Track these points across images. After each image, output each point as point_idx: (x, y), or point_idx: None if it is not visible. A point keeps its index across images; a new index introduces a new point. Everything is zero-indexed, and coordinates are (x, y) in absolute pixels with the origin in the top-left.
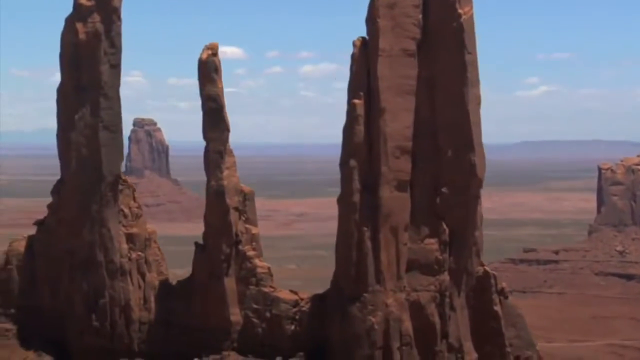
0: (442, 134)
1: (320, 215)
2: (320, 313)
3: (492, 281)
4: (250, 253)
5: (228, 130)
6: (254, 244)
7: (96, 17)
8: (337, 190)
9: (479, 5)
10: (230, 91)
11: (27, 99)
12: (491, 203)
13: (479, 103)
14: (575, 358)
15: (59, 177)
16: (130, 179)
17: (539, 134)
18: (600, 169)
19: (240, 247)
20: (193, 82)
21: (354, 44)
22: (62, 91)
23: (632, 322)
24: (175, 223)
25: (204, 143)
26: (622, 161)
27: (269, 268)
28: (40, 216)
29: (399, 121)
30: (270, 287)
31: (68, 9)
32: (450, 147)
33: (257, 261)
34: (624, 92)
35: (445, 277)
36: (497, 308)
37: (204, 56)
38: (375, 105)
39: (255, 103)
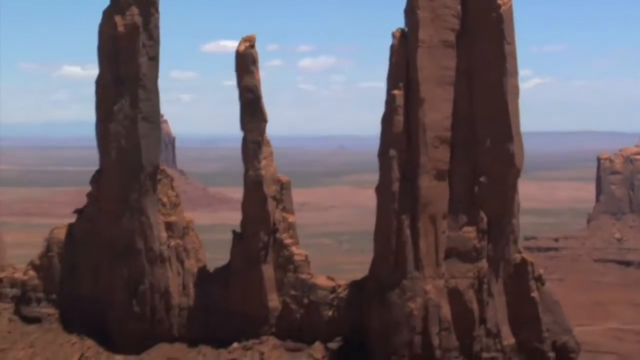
0: (480, 124)
1: (322, 205)
2: (358, 299)
3: (530, 268)
4: (288, 241)
5: (265, 120)
6: (290, 232)
7: (134, 10)
8: (334, 180)
9: None
10: (230, 84)
11: (33, 91)
12: None
13: (517, 93)
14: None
15: (65, 168)
16: None
17: (531, 126)
18: (599, 159)
19: (277, 235)
20: (195, 75)
21: (393, 35)
22: (100, 83)
23: (631, 307)
24: None
25: (207, 134)
26: (620, 151)
27: (306, 256)
28: (50, 205)
29: (438, 111)
30: (308, 273)
31: (73, 1)
32: (488, 137)
33: (294, 249)
34: (614, 84)
35: (484, 264)
36: (535, 294)
37: (242, 48)
38: (414, 95)
39: None
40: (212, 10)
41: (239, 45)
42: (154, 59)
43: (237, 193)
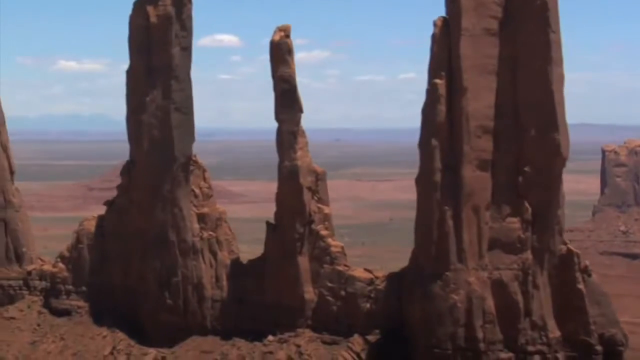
0: (524, 113)
1: None
2: (397, 291)
3: (575, 259)
4: (324, 232)
5: (301, 111)
6: (326, 223)
7: (167, 1)
8: (332, 173)
9: None
10: (226, 78)
11: (31, 85)
12: None
13: (562, 82)
14: None
15: (63, 162)
16: None
17: None
18: (603, 151)
19: (313, 226)
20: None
21: (434, 24)
22: (131, 74)
23: None
24: None
25: (203, 127)
26: (625, 143)
27: (342, 247)
28: (50, 199)
29: (480, 100)
30: (345, 265)
31: None
32: (533, 127)
33: (330, 240)
34: (611, 77)
35: (528, 255)
36: (581, 286)
37: (277, 38)
38: (457, 84)
39: (251, 89)
40: (208, 5)
41: (274, 35)
42: (187, 49)
43: (237, 186)
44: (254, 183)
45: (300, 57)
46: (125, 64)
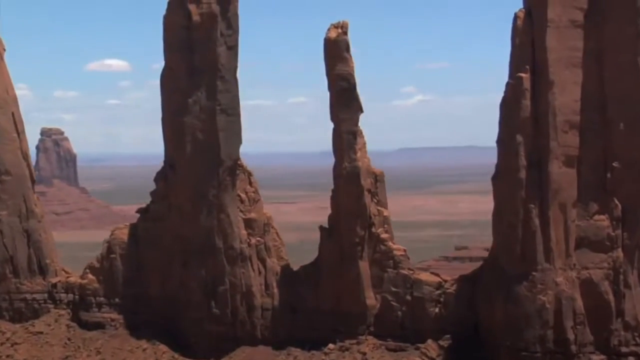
0: (612, 107)
1: None
2: (467, 294)
3: None
4: (384, 235)
5: (361, 110)
6: (386, 226)
7: None
8: None
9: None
10: (115, 103)
11: None
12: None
13: None
14: None
15: None
16: (39, 188)
17: (417, 141)
18: None
19: (373, 229)
20: (78, 94)
21: (517, 16)
22: (168, 74)
23: None
24: (86, 230)
25: (95, 153)
26: None
27: (405, 250)
28: None
29: (567, 94)
30: (409, 269)
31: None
32: (621, 120)
33: (391, 244)
34: (494, 100)
35: (619, 253)
36: None
37: (333, 35)
38: (543, 78)
39: (140, 114)
40: (97, 29)
41: (329, 32)
42: (233, 48)
43: (132, 211)
44: None
45: None
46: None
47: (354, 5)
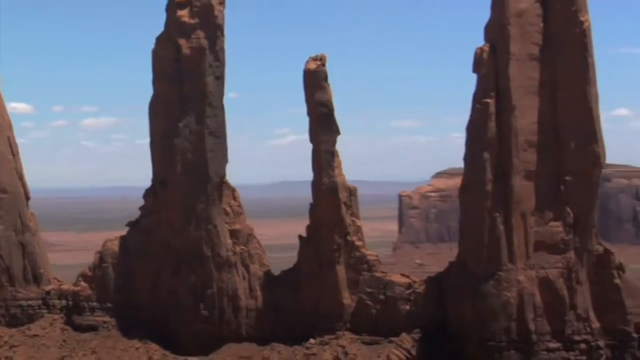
0: (564, 128)
1: None
2: (435, 293)
3: (612, 257)
4: (358, 243)
5: (339, 132)
6: (359, 234)
7: (200, 34)
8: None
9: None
10: (20, 142)
11: None
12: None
13: (597, 100)
14: None
15: None
16: None
17: (295, 175)
18: (400, 196)
19: (348, 237)
20: None
21: (482, 50)
22: (158, 101)
23: None
24: None
25: None
26: (417, 189)
27: (376, 256)
28: None
29: (526, 118)
30: (382, 272)
31: None
32: (573, 140)
33: (364, 250)
34: (374, 138)
35: (571, 255)
36: (617, 281)
37: (313, 66)
38: (506, 103)
39: (41, 152)
40: (4, 75)
41: (308, 64)
42: (220, 78)
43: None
44: (66, 234)
45: (87, 123)
46: None
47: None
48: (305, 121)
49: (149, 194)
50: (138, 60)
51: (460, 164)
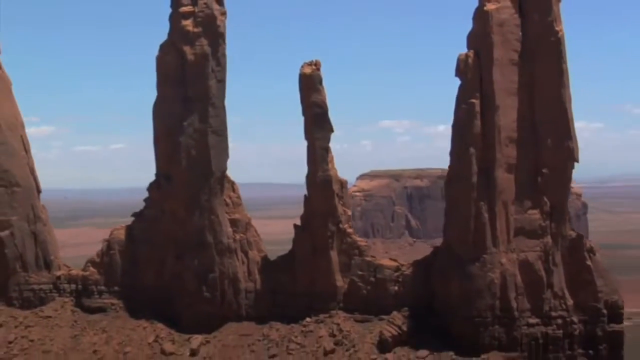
0: (541, 126)
1: (73, 242)
2: (422, 275)
3: (584, 241)
4: (349, 230)
5: (332, 130)
6: (349, 223)
7: (203, 41)
8: (75, 222)
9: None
10: None
11: None
12: None
13: (571, 101)
14: None
15: None
16: None
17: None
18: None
19: (340, 225)
20: None
21: (467, 56)
22: (161, 103)
23: None
24: None
25: None
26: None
27: (366, 242)
28: None
29: (508, 117)
30: (372, 256)
31: None
32: (549, 137)
33: (355, 237)
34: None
35: (548, 239)
36: (589, 263)
37: (308, 71)
38: (490, 104)
39: None
40: None
41: (303, 68)
42: (222, 81)
43: None
44: None
45: (30, 131)
46: None
47: None
48: None
49: (152, 187)
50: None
51: (378, 167)
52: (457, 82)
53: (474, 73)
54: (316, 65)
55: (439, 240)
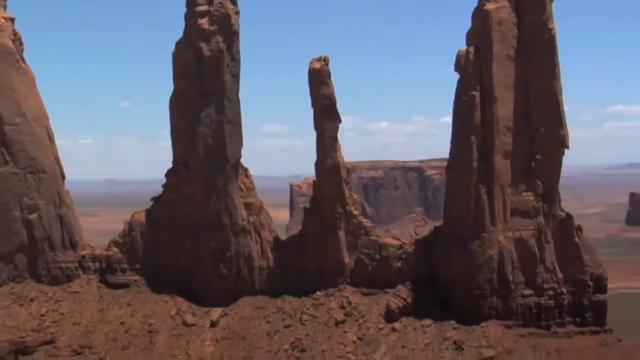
0: (535, 117)
1: None
2: (424, 252)
3: (573, 221)
4: (356, 212)
5: (340, 121)
6: (355, 205)
7: (219, 38)
8: None
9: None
10: None
11: None
12: None
13: (561, 93)
14: None
15: None
16: None
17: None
18: (291, 186)
19: (347, 208)
20: None
21: (467, 52)
22: (178, 97)
23: None
24: None
25: None
26: (305, 180)
27: (371, 223)
28: None
29: (505, 107)
30: (377, 236)
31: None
32: (542, 126)
33: (361, 218)
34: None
35: (541, 219)
36: (577, 240)
37: (317, 66)
38: (490, 96)
39: None
40: None
41: (313, 64)
42: (236, 76)
43: None
44: None
45: None
46: None
47: None
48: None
49: (170, 173)
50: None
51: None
52: (392, 82)
53: (475, 67)
54: (325, 60)
55: (392, 226)
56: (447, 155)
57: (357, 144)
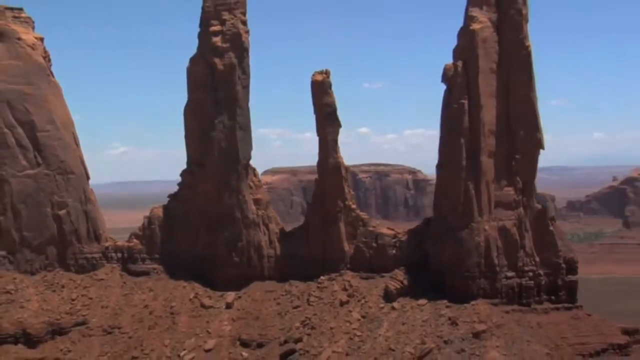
0: (514, 121)
1: None
2: (416, 240)
3: (547, 212)
4: (354, 206)
5: (340, 126)
6: (353, 200)
7: (231, 54)
8: None
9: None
10: None
11: None
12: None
13: (537, 101)
14: None
15: None
16: None
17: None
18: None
19: (346, 202)
20: None
21: (456, 66)
22: (193, 106)
23: None
24: None
25: None
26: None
27: (368, 215)
28: None
29: (489, 113)
30: (373, 226)
31: None
32: (521, 129)
33: (358, 211)
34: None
35: (521, 211)
36: (552, 228)
37: (319, 78)
38: (476, 104)
39: None
40: None
41: (315, 76)
42: (246, 87)
43: None
44: None
45: None
46: None
47: None
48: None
49: (186, 173)
50: None
51: (279, 164)
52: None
53: (462, 79)
54: (326, 73)
55: None
56: (373, 161)
57: (284, 152)
